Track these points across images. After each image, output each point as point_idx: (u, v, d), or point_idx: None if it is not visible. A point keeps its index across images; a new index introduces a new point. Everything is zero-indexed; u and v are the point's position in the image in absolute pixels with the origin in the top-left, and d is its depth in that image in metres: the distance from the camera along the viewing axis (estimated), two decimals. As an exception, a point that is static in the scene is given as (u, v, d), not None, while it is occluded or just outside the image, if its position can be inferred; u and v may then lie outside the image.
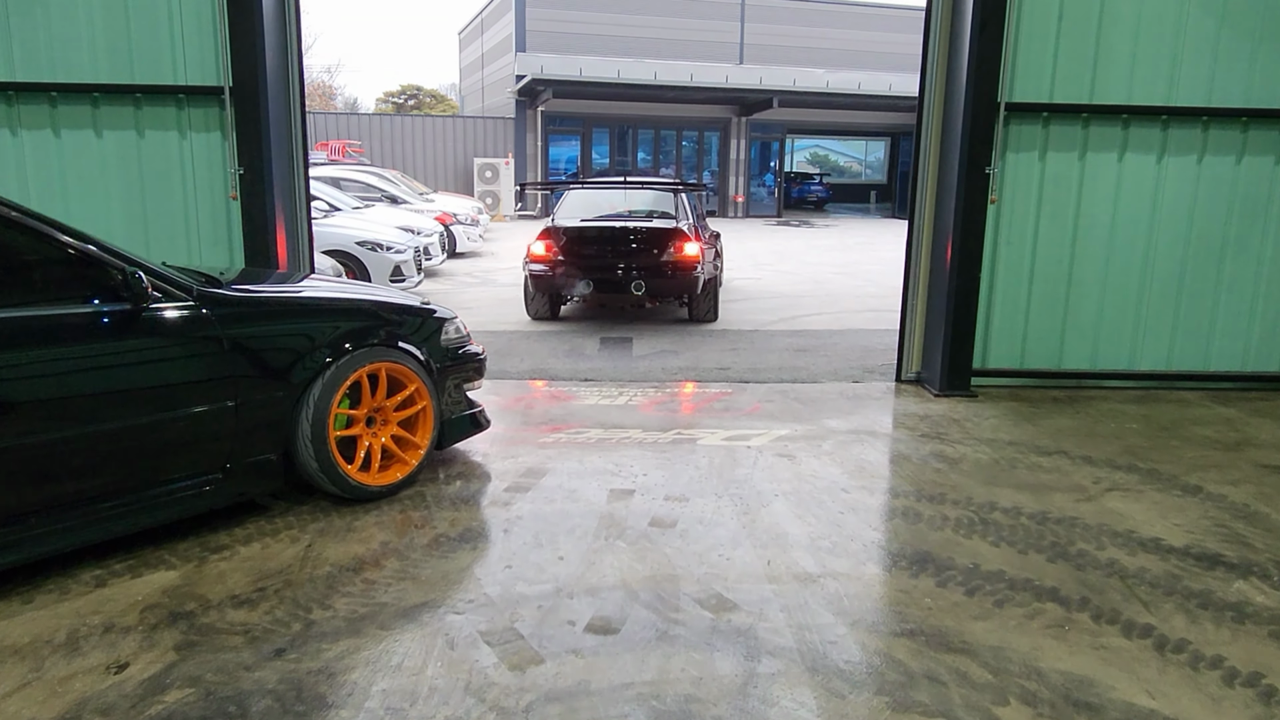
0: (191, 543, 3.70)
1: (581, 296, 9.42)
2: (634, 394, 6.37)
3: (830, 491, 4.43)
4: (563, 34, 27.95)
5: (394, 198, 16.66)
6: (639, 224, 9.55)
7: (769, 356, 7.85)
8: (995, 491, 4.45)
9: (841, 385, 6.73)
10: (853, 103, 28.45)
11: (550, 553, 3.68)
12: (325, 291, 4.58)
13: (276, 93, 6.09)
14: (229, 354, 3.66)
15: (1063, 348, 6.62)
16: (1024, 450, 5.14)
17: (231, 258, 6.22)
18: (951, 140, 6.27)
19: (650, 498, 4.30)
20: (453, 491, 4.36)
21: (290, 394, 3.88)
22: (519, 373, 7.06)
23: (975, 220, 6.19)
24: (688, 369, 7.29)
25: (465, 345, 4.75)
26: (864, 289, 12.80)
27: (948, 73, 6.34)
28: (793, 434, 5.40)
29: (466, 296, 11.71)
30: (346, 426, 4.13)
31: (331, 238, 10.85)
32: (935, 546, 3.77)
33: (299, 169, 6.34)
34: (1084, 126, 6.31)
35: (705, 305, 9.63)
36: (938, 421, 5.73)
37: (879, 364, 7.55)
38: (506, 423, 5.59)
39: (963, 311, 6.30)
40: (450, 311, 4.73)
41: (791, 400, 6.23)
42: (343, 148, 23.40)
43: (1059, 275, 6.50)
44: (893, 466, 4.83)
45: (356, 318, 4.19)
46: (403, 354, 4.26)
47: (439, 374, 4.49)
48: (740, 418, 5.76)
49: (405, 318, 4.41)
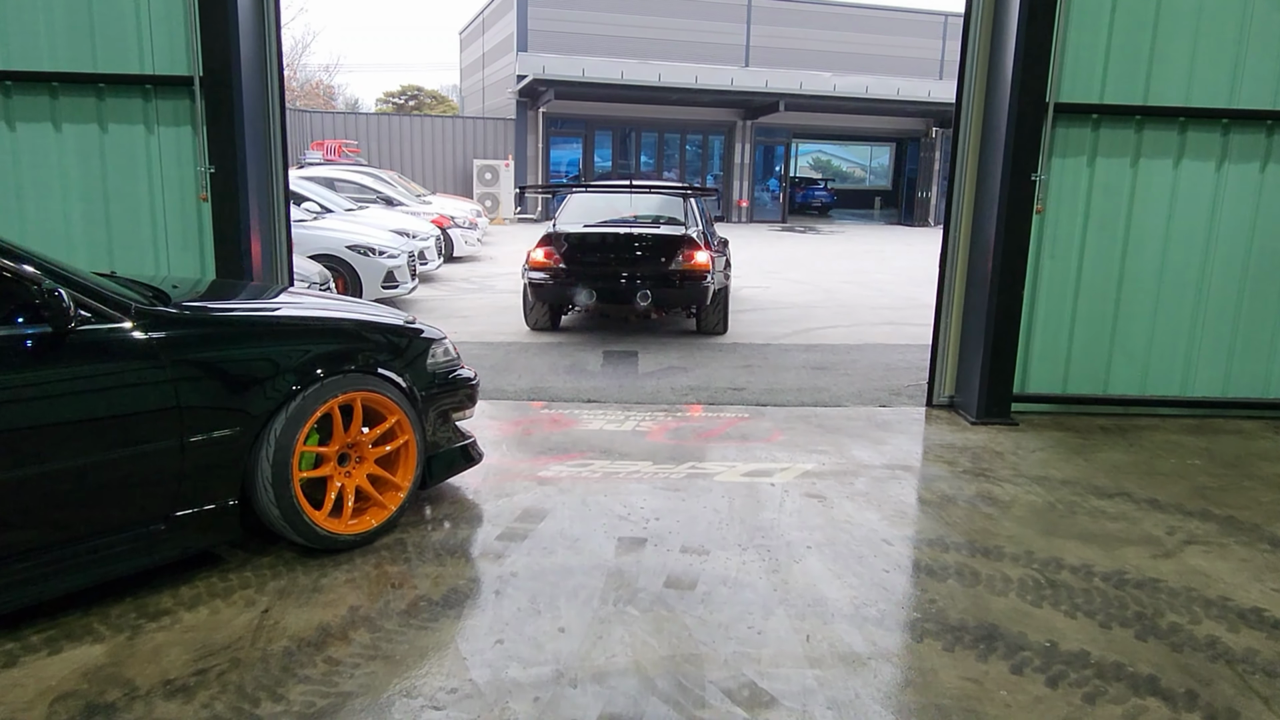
0: (127, 606, 3.14)
1: (584, 307, 8.86)
2: (641, 418, 5.82)
3: (870, 543, 3.87)
4: (565, 34, 27.42)
5: (389, 200, 16.10)
6: (645, 230, 8.98)
7: (785, 375, 7.30)
8: (1058, 544, 3.89)
9: (868, 410, 6.17)
10: (860, 107, 27.93)
11: (549, 622, 3.12)
12: (297, 308, 4.03)
13: (252, 84, 5.54)
14: (173, 383, 3.11)
15: (1109, 371, 6.07)
16: (1081, 491, 4.59)
17: (202, 265, 5.67)
18: (993, 145, 5.72)
19: (664, 549, 3.74)
20: (438, 539, 3.80)
21: (248, 429, 3.32)
22: (516, 392, 6.50)
23: (1019, 232, 5.64)
24: (698, 389, 6.73)
25: (455, 369, 4.19)
26: (878, 300, 12.25)
27: (989, 70, 5.79)
28: (820, 469, 4.84)
29: (462, 304, 11.15)
30: (315, 466, 3.58)
31: (320, 241, 10.29)
32: (1001, 617, 3.22)
33: (277, 168, 5.79)
34: (1137, 130, 5.77)
35: (715, 317, 9.08)
36: (979, 455, 5.17)
37: (905, 384, 6.99)
38: (501, 452, 5.03)
39: (1004, 332, 5.75)
40: (438, 331, 4.17)
41: (814, 427, 5.67)
42: (339, 148, 22.85)
43: (1106, 292, 5.95)
44: (937, 511, 4.27)
45: (329, 339, 3.63)
46: (382, 381, 3.70)
47: (424, 403, 3.93)
48: (760, 448, 5.20)
49: (386, 339, 3.85)
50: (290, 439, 3.38)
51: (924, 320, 10.47)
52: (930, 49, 30.96)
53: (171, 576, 3.35)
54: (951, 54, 30.81)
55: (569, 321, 9.71)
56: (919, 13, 30.85)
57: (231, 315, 3.56)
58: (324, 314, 3.93)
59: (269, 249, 5.82)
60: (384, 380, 3.71)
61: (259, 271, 5.66)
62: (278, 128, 5.77)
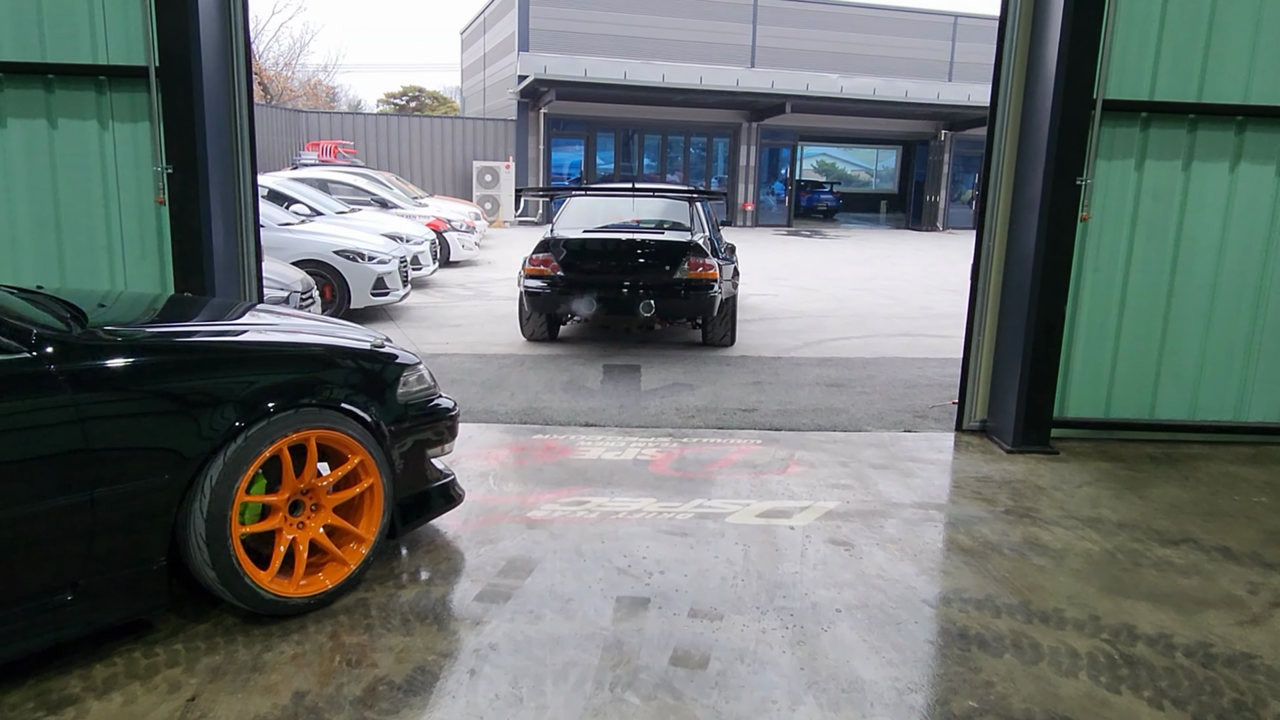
0: (27, 693, 2.62)
1: (584, 317, 8.32)
2: (644, 445, 5.29)
3: (908, 604, 3.34)
4: (567, 33, 26.90)
5: (384, 202, 15.59)
6: (649, 236, 8.41)
7: (798, 393, 6.77)
8: (1126, 606, 3.36)
9: (891, 435, 5.64)
10: (867, 109, 27.38)
11: (532, 715, 2.59)
12: (253, 330, 3.52)
13: (215, 75, 5.02)
14: (80, 424, 2.58)
15: (1156, 394, 5.53)
16: (1141, 536, 4.05)
17: (162, 276, 5.15)
18: (1033, 146, 5.20)
19: (671, 612, 3.22)
20: (407, 600, 3.27)
21: (177, 476, 2.80)
22: (508, 413, 5.97)
23: (1062, 242, 5.11)
24: (706, 410, 6.20)
25: (431, 399, 3.66)
26: (891, 309, 11.72)
27: (1029, 65, 5.26)
28: (844, 508, 4.31)
29: (457, 312, 10.64)
30: (261, 518, 3.05)
31: (306, 246, 9.77)
32: (1074, 708, 2.68)
33: (244, 168, 5.28)
34: (1190, 130, 5.24)
35: (722, 329, 8.56)
36: (1019, 490, 4.64)
37: (928, 405, 6.46)
38: (487, 486, 4.50)
39: (1044, 351, 5.22)
40: (413, 356, 3.64)
41: (835, 456, 5.14)
42: (334, 148, 22.35)
43: (1154, 308, 5.42)
44: (981, 563, 3.74)
45: (280, 368, 3.11)
46: (342, 416, 3.18)
47: (394, 439, 3.40)
48: (775, 481, 4.67)
49: (349, 365, 3.33)
50: (229, 488, 2.86)
51: (941, 331, 9.97)
52: (939, 50, 30.43)
53: (87, 651, 2.83)
54: (961, 55, 30.31)
55: (567, 332, 9.19)
56: (928, 13, 30.30)
57: (158, 341, 3.03)
58: (278, 337, 3.42)
59: (235, 258, 5.30)
60: (345, 415, 3.19)
61: (223, 284, 5.14)
62: (245, 124, 5.25)
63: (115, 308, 3.50)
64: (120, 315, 3.42)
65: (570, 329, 9.28)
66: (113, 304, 3.56)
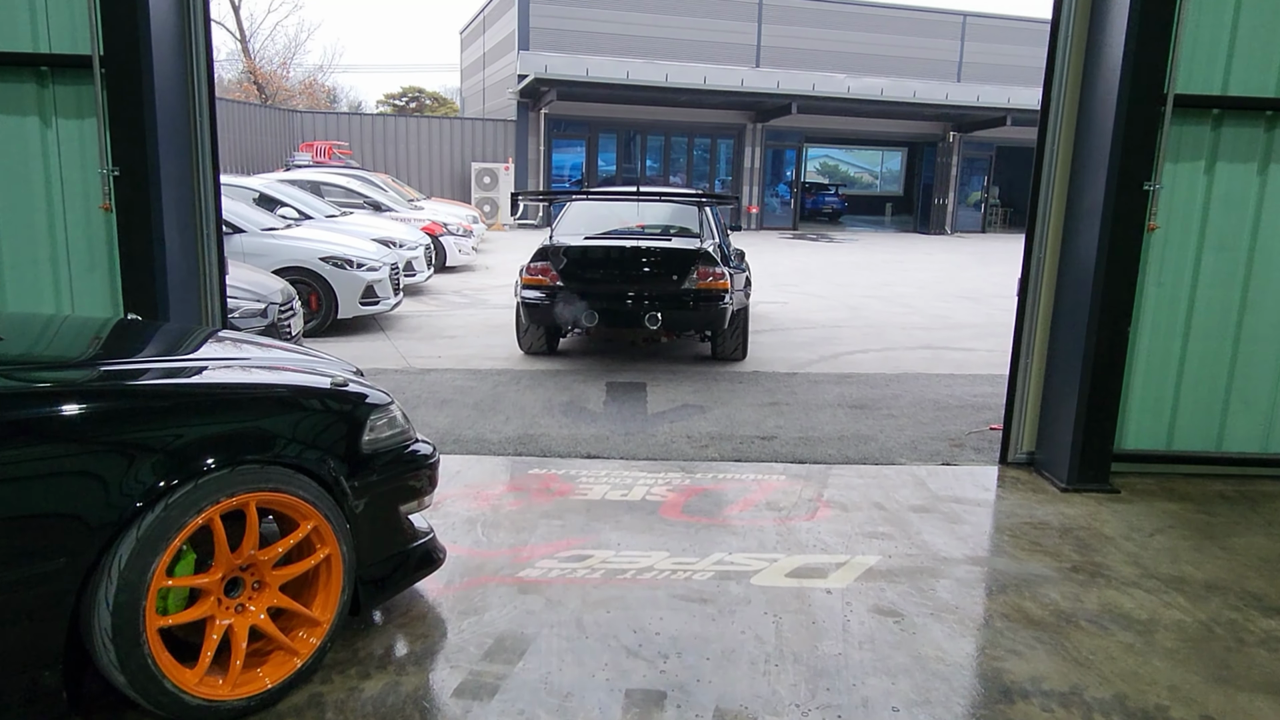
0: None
1: (585, 330, 7.74)
2: (653, 481, 4.71)
3: (978, 699, 2.76)
4: (568, 32, 26.32)
5: (378, 205, 15.03)
6: (655, 243, 7.80)
7: (820, 416, 6.19)
8: (1243, 702, 2.78)
9: (929, 469, 5.06)
10: (875, 110, 26.79)
11: None
12: (191, 372, 2.94)
13: (170, 68, 4.45)
14: (-58, 503, 2.01)
15: (1224, 424, 4.96)
16: (1237, 603, 3.47)
17: (112, 291, 4.58)
18: (1092, 147, 4.62)
19: (693, 713, 2.64)
20: (371, 695, 2.69)
21: (75, 558, 2.23)
22: (501, 442, 5.39)
23: (1126, 254, 4.53)
24: (720, 437, 5.62)
25: (405, 444, 3.08)
26: (908, 318, 11.14)
27: (1089, 56, 4.68)
28: (887, 564, 3.73)
29: (451, 321, 10.06)
30: (189, 604, 2.48)
31: (291, 252, 9.19)
32: None
33: (204, 171, 4.70)
34: (1267, 128, 4.67)
35: (733, 342, 7.98)
36: (1084, 540, 4.06)
37: (963, 431, 5.88)
38: (474, 536, 3.92)
39: (1105, 376, 4.64)
40: (384, 395, 3.06)
41: (868, 496, 4.57)
42: (328, 150, 21.78)
43: (1224, 328, 4.85)
44: (1056, 639, 3.15)
45: (217, 415, 2.53)
46: (291, 473, 2.60)
47: (359, 496, 2.82)
48: (804, 529, 4.09)
49: (303, 410, 2.75)
50: (142, 570, 2.29)
51: (963, 344, 9.39)
52: (948, 50, 29.85)
53: (-37, 776, 2.25)
54: (970, 55, 29.75)
55: (568, 344, 8.61)
56: (936, 12, 29.73)
57: (47, 388, 2.44)
58: (218, 377, 2.84)
59: (193, 270, 4.73)
60: (295, 471, 2.61)
61: (179, 300, 4.56)
62: (205, 121, 4.67)
63: (24, 339, 2.93)
64: (24, 349, 2.85)
65: (571, 341, 8.71)
66: (29, 333, 2.99)
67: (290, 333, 7.17)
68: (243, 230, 9.15)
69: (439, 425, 5.71)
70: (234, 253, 9.16)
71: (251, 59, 35.48)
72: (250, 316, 6.77)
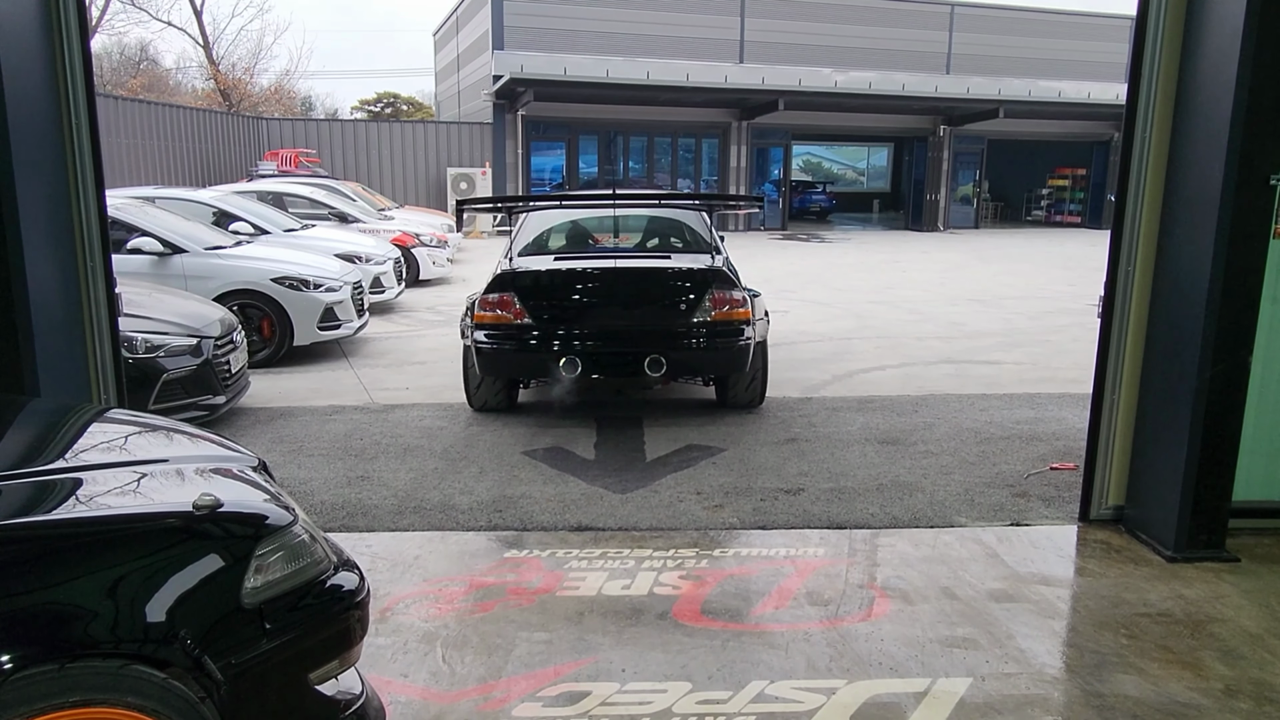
0: None
1: (564, 382, 5.78)
2: (661, 564, 3.76)
3: None
4: (545, 30, 25.33)
5: (344, 216, 14.01)
6: (655, 263, 6.20)
7: (848, 457, 5.26)
8: None
9: (996, 532, 4.14)
10: (864, 104, 25.96)
11: None
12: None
13: (29, 53, 3.47)
14: None
15: (1353, 467, 4.07)
16: None
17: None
18: (1201, 136, 3.70)
19: None
20: None
21: None
22: (472, 507, 4.43)
23: (1249, 266, 3.62)
24: (736, 490, 4.68)
25: (314, 580, 2.11)
26: (920, 327, 10.24)
27: (1188, 26, 3.77)
28: (981, 692, 2.80)
29: (423, 344, 9.07)
30: None
31: (239, 273, 8.18)
32: None
33: (84, 183, 3.71)
34: None
35: (754, 388, 6.24)
36: (1225, 640, 3.14)
37: (1018, 470, 4.97)
38: (432, 666, 2.96)
39: (1221, 418, 3.72)
40: (283, 515, 2.09)
41: (932, 578, 3.63)
42: (294, 158, 20.70)
43: (1352, 351, 3.95)
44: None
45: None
46: (114, 669, 1.64)
47: (236, 680, 1.86)
48: (861, 634, 3.16)
49: (140, 553, 1.79)
50: None
51: (986, 356, 8.50)
52: (936, 42, 29.05)
53: None
54: (959, 46, 28.98)
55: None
56: (923, 2, 28.93)
57: None
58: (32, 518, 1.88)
59: (73, 310, 3.74)
60: (121, 664, 1.65)
61: (54, 349, 3.57)
62: (83, 122, 3.69)
63: None
64: None
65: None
66: None
67: (230, 370, 6.17)
68: (183, 250, 8.14)
69: (399, 485, 4.75)
70: (171, 275, 8.16)
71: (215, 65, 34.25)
72: (178, 354, 5.77)
